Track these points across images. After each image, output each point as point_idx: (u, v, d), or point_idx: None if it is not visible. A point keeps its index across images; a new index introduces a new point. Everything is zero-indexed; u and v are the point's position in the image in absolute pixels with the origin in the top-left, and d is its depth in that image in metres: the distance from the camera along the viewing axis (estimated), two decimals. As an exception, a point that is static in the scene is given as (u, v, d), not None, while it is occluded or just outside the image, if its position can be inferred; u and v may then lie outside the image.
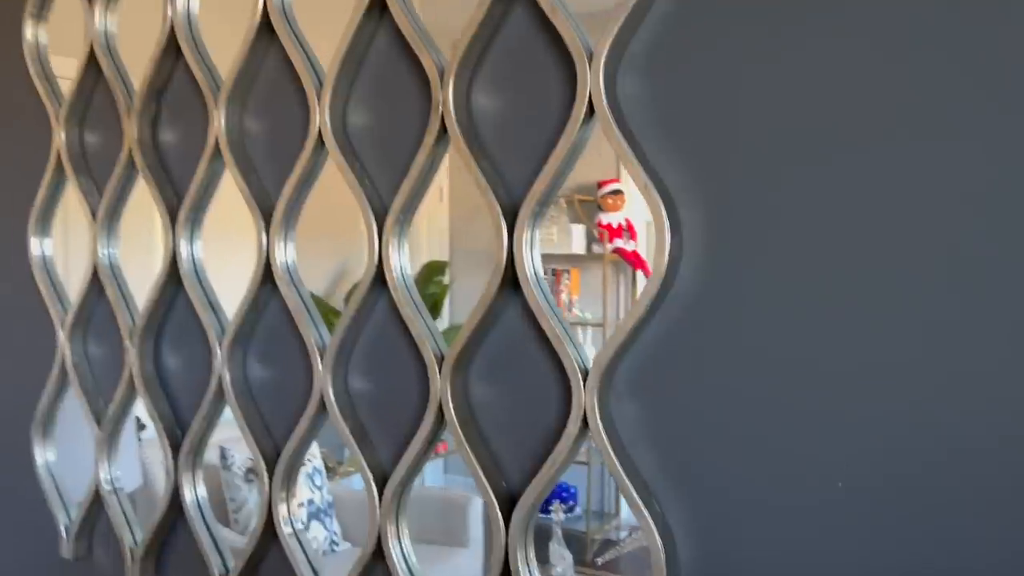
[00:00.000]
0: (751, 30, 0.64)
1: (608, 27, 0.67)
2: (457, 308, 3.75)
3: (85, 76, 1.04)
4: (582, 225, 3.61)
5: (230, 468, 2.36)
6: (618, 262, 3.62)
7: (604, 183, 3.56)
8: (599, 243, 3.57)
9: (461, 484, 3.48)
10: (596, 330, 3.53)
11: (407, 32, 0.78)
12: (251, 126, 0.92)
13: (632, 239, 3.65)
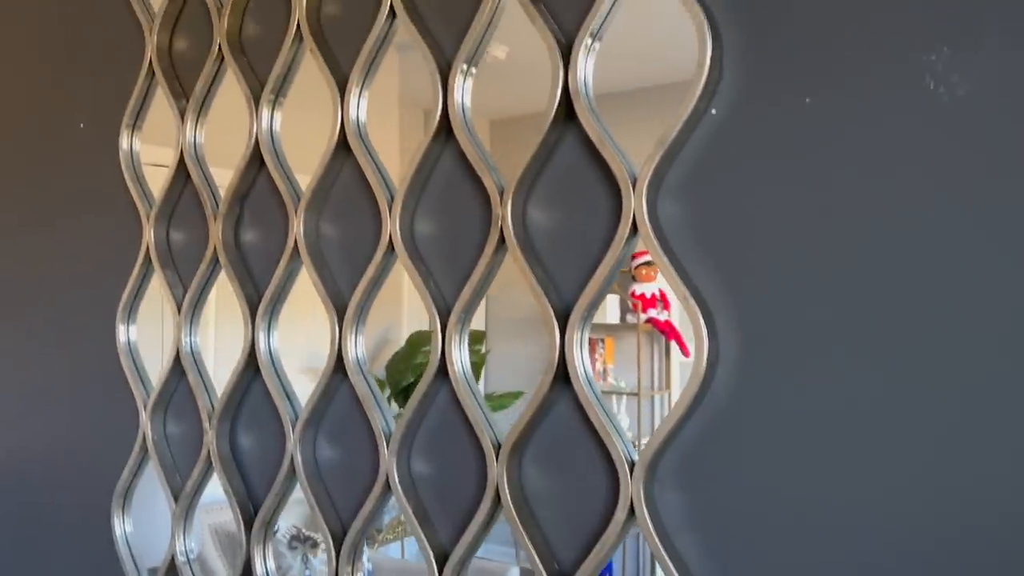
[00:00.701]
0: (773, 160, 0.73)
1: (650, 158, 0.76)
2: (493, 376, 3.83)
3: (175, 181, 1.16)
4: (616, 295, 3.69)
5: (274, 535, 2.43)
6: (652, 332, 3.69)
7: (637, 255, 3.65)
8: (633, 313, 3.64)
9: (496, 552, 3.50)
10: (631, 399, 3.57)
11: (470, 155, 0.89)
12: (327, 230, 1.03)
13: (666, 309, 3.72)
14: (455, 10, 0.91)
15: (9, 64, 1.41)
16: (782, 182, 0.73)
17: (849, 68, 0.70)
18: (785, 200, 0.72)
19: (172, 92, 1.16)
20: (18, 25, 1.40)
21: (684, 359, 4.40)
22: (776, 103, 0.73)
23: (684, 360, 4.25)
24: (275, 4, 1.07)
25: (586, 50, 0.81)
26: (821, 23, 0.71)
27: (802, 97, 0.72)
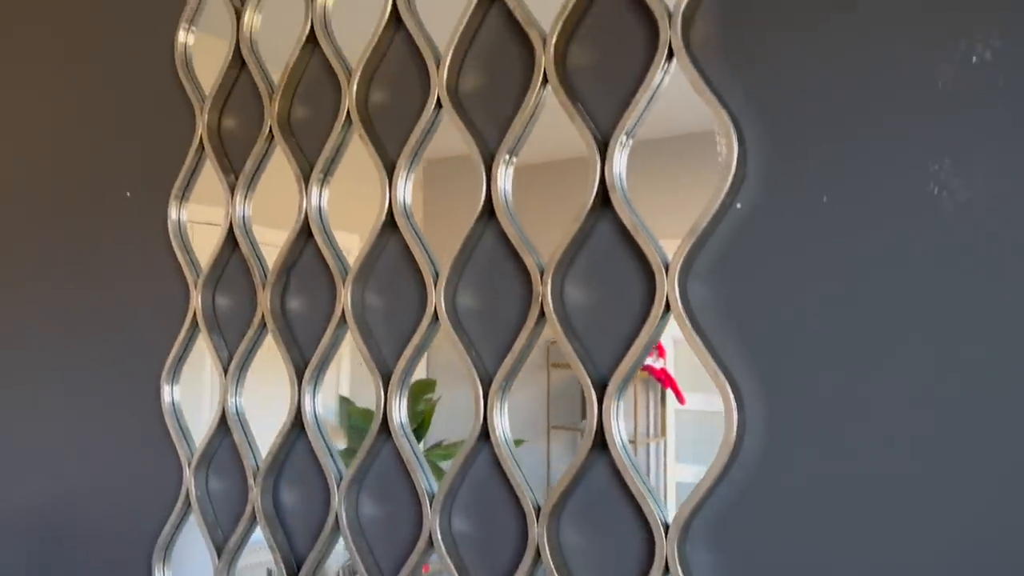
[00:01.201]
0: (792, 250, 0.81)
1: (681, 245, 0.85)
2: (438, 424, 3.88)
3: (223, 250, 1.23)
4: (614, 343, 3.77)
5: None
6: (647, 379, 3.76)
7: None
8: (630, 361, 3.71)
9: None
10: (628, 446, 3.63)
11: (512, 237, 0.97)
12: (372, 301, 1.10)
13: (661, 357, 3.80)
14: (498, 105, 1.00)
15: (63, 133, 1.49)
16: (801, 270, 0.81)
17: (862, 170, 0.79)
18: (804, 286, 0.81)
19: (221, 167, 1.24)
20: (73, 96, 1.48)
21: (679, 406, 4.51)
22: (795, 200, 0.82)
23: (679, 407, 4.37)
24: (325, 90, 1.16)
25: (621, 146, 0.90)
26: (837, 128, 0.80)
27: (819, 195, 0.81)
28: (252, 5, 1.23)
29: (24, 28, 1.57)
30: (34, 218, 1.51)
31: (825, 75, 0.81)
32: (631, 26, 0.92)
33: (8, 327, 1.53)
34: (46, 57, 1.53)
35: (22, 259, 1.52)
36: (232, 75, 1.25)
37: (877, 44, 0.78)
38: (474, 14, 1.02)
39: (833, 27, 0.81)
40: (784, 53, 0.83)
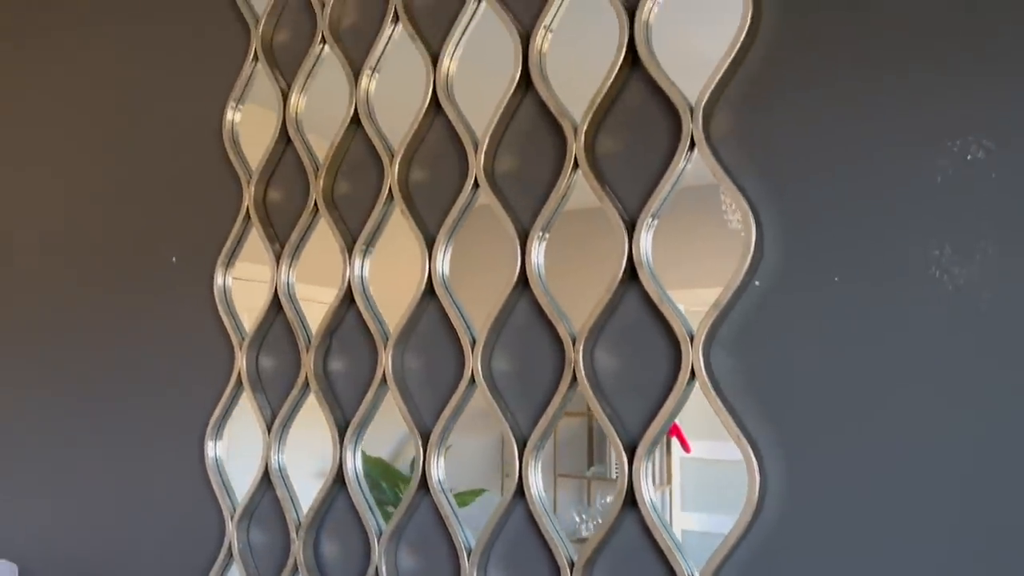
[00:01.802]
0: (807, 324, 0.89)
1: (704, 318, 0.93)
2: (450, 471, 3.93)
3: (267, 314, 1.31)
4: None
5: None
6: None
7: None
8: (637, 411, 3.77)
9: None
10: (656, 503, 3.66)
11: (545, 306, 1.05)
12: (411, 363, 1.18)
13: (668, 406, 3.87)
14: (532, 186, 1.09)
15: (114, 200, 1.58)
16: (816, 341, 0.89)
17: (870, 253, 0.87)
18: (819, 355, 0.89)
19: (267, 237, 1.33)
20: (125, 166, 1.57)
21: (684, 454, 4.57)
22: (809, 279, 0.90)
23: (685, 455, 4.45)
24: (367, 169, 1.25)
25: (647, 227, 0.99)
26: (847, 214, 0.89)
27: (831, 275, 0.89)
28: (298, 87, 1.33)
29: (80, 98, 1.67)
30: (85, 280, 1.59)
31: (835, 165, 0.90)
32: (655, 118, 1.01)
33: (58, 383, 1.60)
34: (102, 127, 1.62)
35: (73, 319, 1.60)
36: (278, 151, 1.35)
37: (882, 139, 0.88)
38: (509, 103, 1.11)
39: (842, 121, 0.90)
40: (797, 144, 0.92)
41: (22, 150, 1.76)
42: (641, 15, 1.01)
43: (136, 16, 1.60)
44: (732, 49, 0.95)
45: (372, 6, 1.28)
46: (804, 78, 0.92)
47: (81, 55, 1.68)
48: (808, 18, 0.93)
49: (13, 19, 1.83)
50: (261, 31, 1.38)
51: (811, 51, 0.92)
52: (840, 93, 0.90)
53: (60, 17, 1.74)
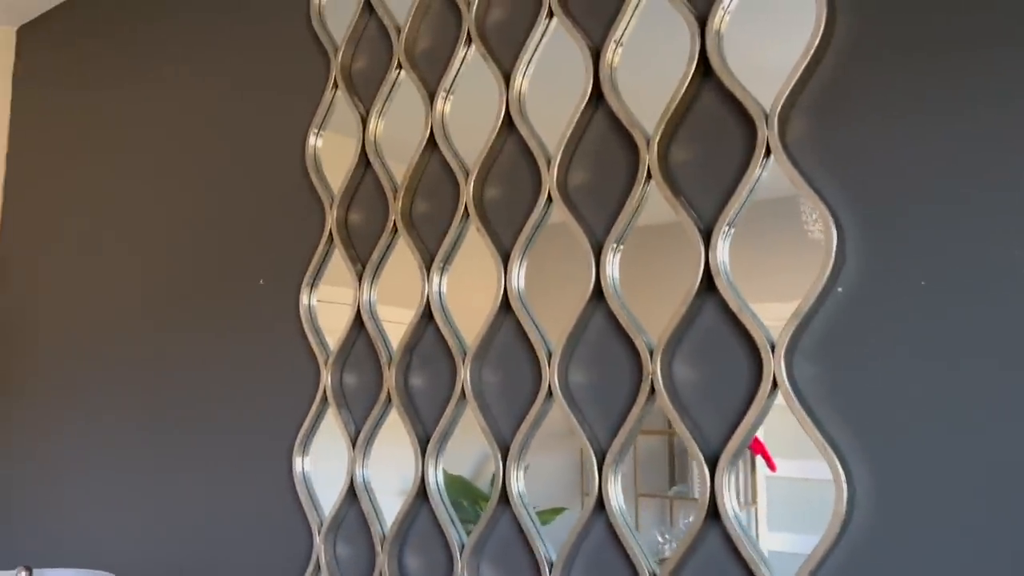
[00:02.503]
0: (893, 331, 0.86)
1: (786, 327, 0.91)
2: (531, 488, 3.90)
3: (350, 332, 1.35)
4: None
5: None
6: (740, 446, 3.73)
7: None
8: (721, 428, 3.69)
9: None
10: (739, 516, 3.58)
11: (622, 319, 1.05)
12: (489, 377, 1.19)
13: (753, 424, 3.77)
14: (605, 199, 1.10)
15: (203, 225, 1.66)
16: (902, 350, 0.86)
17: (957, 257, 0.84)
18: (905, 363, 0.86)
19: (349, 257, 1.37)
20: (214, 192, 1.65)
21: (770, 473, 4.44)
22: (894, 284, 0.87)
23: (770, 474, 4.32)
24: (443, 187, 1.28)
25: (724, 236, 0.98)
26: (932, 218, 0.86)
27: (917, 280, 0.86)
28: (376, 112, 1.37)
29: (175, 128, 1.76)
30: (175, 302, 1.67)
31: (917, 168, 0.87)
32: (729, 125, 1.00)
33: (154, 403, 1.69)
34: (194, 155, 1.71)
35: (168, 341, 1.68)
36: (358, 174, 1.39)
37: (966, 140, 0.85)
38: (581, 117, 1.12)
39: (924, 123, 0.87)
40: (876, 148, 0.90)
41: (122, 177, 1.86)
42: (712, 24, 1.01)
43: (225, 48, 1.68)
44: (807, 53, 0.94)
45: (446, 29, 1.32)
46: (882, 80, 0.90)
47: (175, 86, 1.78)
48: (884, 18, 0.91)
49: (115, 54, 1.95)
50: (340, 59, 1.43)
51: (889, 52, 0.90)
52: (920, 94, 0.88)
53: (157, 50, 1.84)
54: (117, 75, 1.93)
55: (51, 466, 1.89)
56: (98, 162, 1.94)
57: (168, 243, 1.72)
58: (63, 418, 1.88)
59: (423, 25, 1.35)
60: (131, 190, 1.83)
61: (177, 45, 1.79)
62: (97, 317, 1.85)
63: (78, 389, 1.86)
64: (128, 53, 1.91)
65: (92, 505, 1.77)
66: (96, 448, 1.78)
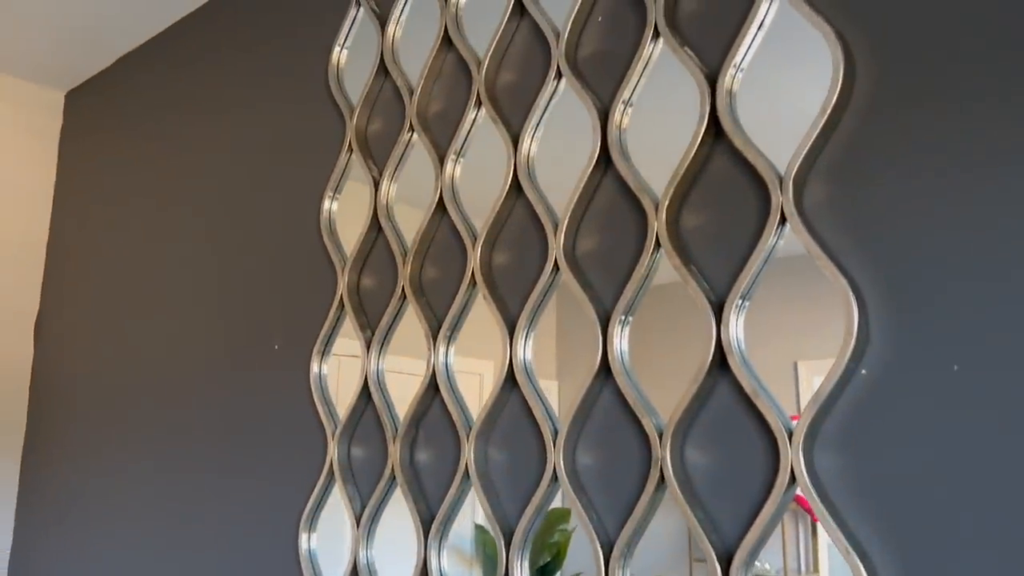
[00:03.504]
0: (924, 419, 0.77)
1: (805, 413, 0.82)
2: (576, 554, 3.75)
3: (358, 403, 1.30)
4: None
5: None
6: (796, 510, 3.54)
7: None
8: (777, 493, 3.51)
9: None
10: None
11: (630, 398, 0.97)
12: (494, 455, 1.12)
13: (812, 488, 3.58)
14: (613, 267, 1.03)
15: (219, 288, 1.64)
16: (933, 441, 0.76)
17: (994, 340, 0.74)
18: (937, 457, 0.76)
19: (359, 324, 1.32)
20: (230, 254, 1.64)
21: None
22: (923, 367, 0.78)
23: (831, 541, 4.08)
24: (452, 252, 1.23)
25: (737, 309, 0.90)
26: (967, 294, 0.77)
27: (949, 363, 0.76)
28: (388, 175, 1.34)
29: (194, 191, 1.77)
30: (196, 362, 1.65)
31: (948, 238, 0.78)
32: (742, 190, 0.93)
33: (167, 465, 1.66)
34: (216, 216, 1.71)
35: (185, 400, 1.66)
36: (371, 237, 1.36)
37: (1004, 209, 0.76)
38: (589, 181, 1.06)
39: (954, 190, 0.79)
40: (902, 216, 0.81)
41: (152, 239, 1.87)
42: (723, 83, 0.95)
43: (250, 109, 1.68)
44: (824, 111, 0.86)
45: (457, 91, 1.28)
46: (908, 140, 0.82)
47: (203, 149, 1.79)
48: (910, 69, 0.83)
49: (151, 119, 1.98)
50: (356, 121, 1.41)
51: (915, 108, 0.82)
52: (952, 154, 0.79)
53: (188, 115, 1.86)
54: (151, 139, 1.96)
55: (73, 521, 1.88)
56: (130, 224, 1.96)
57: (191, 303, 1.71)
58: (88, 472, 1.87)
59: (435, 87, 1.32)
60: (159, 251, 1.84)
61: (206, 109, 1.81)
62: (123, 376, 1.84)
63: (101, 447, 1.85)
64: (162, 118, 1.94)
65: (109, 563, 1.74)
66: (115, 508, 1.76)
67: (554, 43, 1.14)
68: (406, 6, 1.38)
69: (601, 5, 1.11)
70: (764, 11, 0.94)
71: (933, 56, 0.82)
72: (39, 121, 2.29)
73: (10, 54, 2.11)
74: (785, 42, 0.95)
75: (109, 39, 2.03)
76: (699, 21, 1.00)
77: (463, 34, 1.29)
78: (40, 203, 2.26)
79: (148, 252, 1.87)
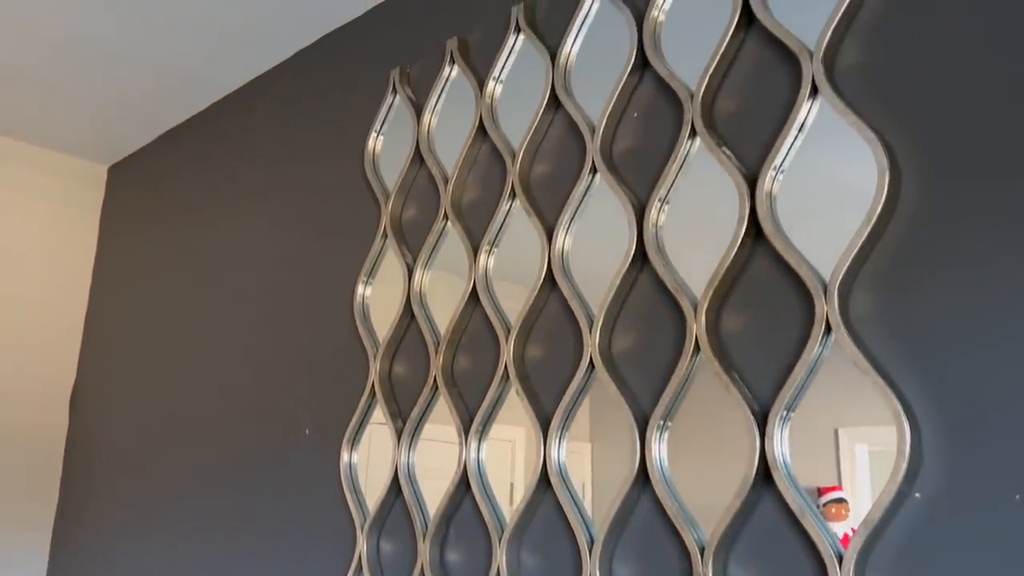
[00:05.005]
0: (985, 549, 0.72)
1: (855, 540, 0.78)
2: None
3: (387, 496, 1.27)
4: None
5: None
6: None
7: (825, 491, 3.42)
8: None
9: None
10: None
11: (670, 509, 0.93)
12: (527, 560, 1.08)
13: (856, 565, 3.43)
14: (651, 368, 1.00)
15: (258, 363, 1.64)
16: (994, 568, 0.71)
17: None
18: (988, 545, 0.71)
19: (390, 412, 1.30)
20: (265, 338, 1.64)
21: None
22: (982, 494, 0.73)
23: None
24: (484, 344, 1.21)
25: (781, 420, 0.86)
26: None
27: (1010, 491, 0.72)
28: (421, 263, 1.33)
29: (236, 269, 1.78)
30: (227, 444, 1.64)
31: (1007, 352, 0.74)
32: (784, 296, 0.90)
33: (180, 548, 1.63)
34: (251, 298, 1.71)
35: (215, 480, 1.64)
36: (403, 325, 1.34)
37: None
38: (624, 279, 1.04)
39: (1011, 298, 0.75)
40: (956, 327, 0.78)
41: (188, 316, 1.88)
42: (763, 185, 0.93)
43: (288, 191, 1.70)
44: (868, 222, 0.83)
45: (491, 181, 1.28)
46: (960, 248, 0.79)
47: (241, 229, 1.80)
48: (956, 181, 0.80)
49: (191, 196, 2.01)
50: (391, 208, 1.41)
51: (968, 216, 0.79)
52: (1004, 271, 0.76)
53: (229, 194, 1.88)
54: (189, 215, 1.99)
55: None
56: (166, 299, 1.97)
57: (224, 381, 1.70)
58: (115, 548, 1.86)
59: (470, 176, 1.32)
60: (194, 328, 1.85)
61: (243, 189, 1.83)
62: (154, 453, 1.84)
63: (129, 523, 1.83)
64: (200, 195, 1.97)
65: (135, 656, 1.71)
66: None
67: (589, 137, 1.13)
68: (442, 95, 1.39)
69: (636, 101, 1.11)
70: (804, 113, 0.92)
71: (982, 166, 0.79)
72: (82, 194, 2.34)
73: (55, 129, 2.17)
74: (826, 142, 0.93)
75: (152, 115, 2.08)
76: (737, 120, 0.99)
77: (498, 125, 1.29)
78: (80, 275, 2.29)
79: (183, 328, 1.88)
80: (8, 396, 2.10)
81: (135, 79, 1.90)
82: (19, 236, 2.20)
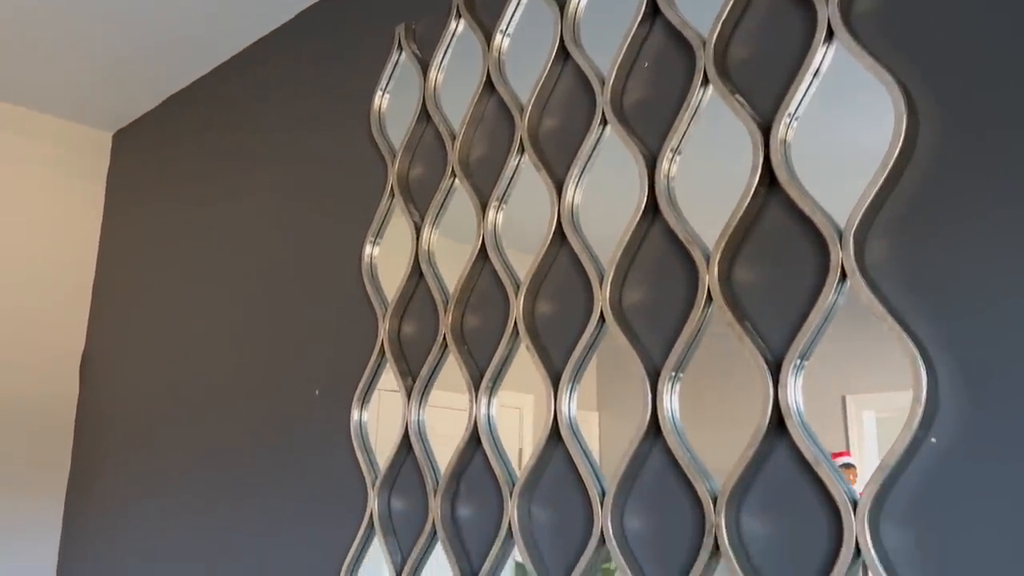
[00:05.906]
0: (1000, 494, 0.71)
1: (870, 485, 0.77)
2: None
3: (398, 454, 1.27)
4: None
5: None
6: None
7: (834, 456, 3.44)
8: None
9: None
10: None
11: (680, 459, 0.93)
12: (538, 514, 1.08)
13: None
14: (664, 318, 0.99)
15: (266, 327, 1.64)
16: (1013, 520, 0.71)
17: (1080, 409, 0.69)
18: (1016, 536, 0.70)
19: (400, 371, 1.30)
20: (271, 299, 1.63)
21: None
22: (1000, 438, 0.73)
23: None
24: (494, 301, 1.20)
25: (795, 369, 0.86)
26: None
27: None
28: (429, 221, 1.32)
29: (243, 232, 1.77)
30: (237, 406, 1.64)
31: (1020, 301, 0.73)
32: (799, 245, 0.89)
33: (193, 510, 1.65)
34: (259, 261, 1.71)
35: (225, 443, 1.65)
36: (412, 284, 1.34)
37: (1084, 267, 0.71)
38: (636, 231, 1.03)
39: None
40: (975, 273, 0.77)
41: (196, 281, 1.88)
42: (777, 132, 0.91)
43: (287, 151, 1.68)
44: (884, 168, 0.82)
45: (499, 137, 1.26)
46: (979, 192, 0.77)
47: (247, 191, 1.79)
48: (975, 128, 0.79)
49: (196, 161, 2.00)
50: (397, 166, 1.40)
51: (988, 158, 0.78)
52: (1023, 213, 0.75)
53: (233, 157, 1.87)
54: (196, 181, 1.98)
55: (114, 561, 1.87)
56: (174, 264, 1.97)
57: (234, 345, 1.70)
58: (128, 513, 1.87)
59: (478, 132, 1.30)
60: (202, 292, 1.84)
61: (250, 152, 1.82)
62: (165, 418, 1.85)
63: (142, 488, 1.85)
64: (207, 160, 1.96)
65: (150, 616, 1.73)
66: (156, 550, 1.75)
67: (599, 89, 1.11)
68: (448, 51, 1.38)
69: (648, 50, 1.09)
70: (819, 58, 0.90)
71: (1002, 113, 0.77)
72: (87, 161, 2.33)
73: (59, 95, 2.16)
74: (840, 86, 0.91)
75: (156, 80, 2.06)
76: (751, 67, 0.97)
77: (506, 79, 1.27)
78: (87, 243, 2.29)
79: (191, 293, 1.88)
80: (18, 366, 2.11)
81: (136, 40, 1.88)
82: (25, 205, 2.19)
